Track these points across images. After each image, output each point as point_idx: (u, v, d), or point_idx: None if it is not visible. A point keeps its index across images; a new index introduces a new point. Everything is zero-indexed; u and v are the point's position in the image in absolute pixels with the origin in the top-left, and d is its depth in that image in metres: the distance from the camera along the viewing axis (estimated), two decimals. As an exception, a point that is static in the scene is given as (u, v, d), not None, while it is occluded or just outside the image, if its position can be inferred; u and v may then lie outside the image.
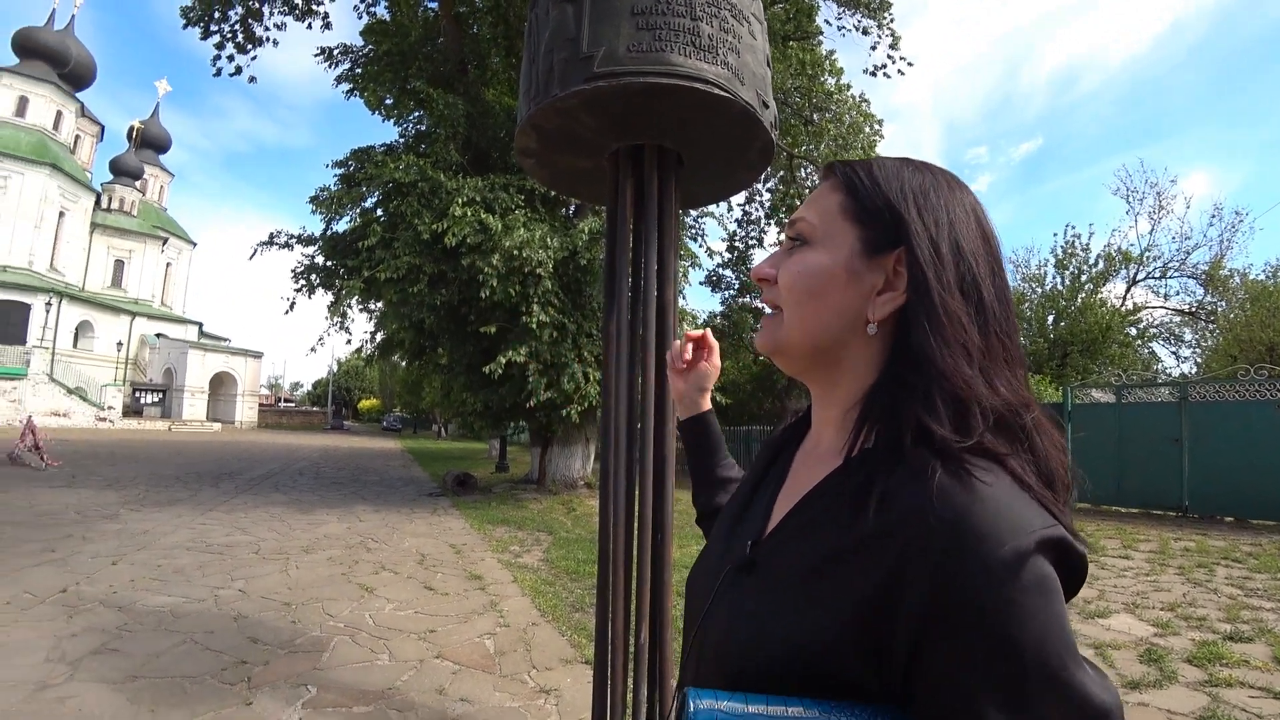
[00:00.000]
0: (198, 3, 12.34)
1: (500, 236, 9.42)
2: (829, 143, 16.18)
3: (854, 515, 0.57)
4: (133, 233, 49.15)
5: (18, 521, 8.06)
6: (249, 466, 17.19)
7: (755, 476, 0.81)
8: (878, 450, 0.60)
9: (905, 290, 0.63)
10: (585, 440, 12.59)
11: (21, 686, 3.52)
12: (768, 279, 0.71)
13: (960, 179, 0.69)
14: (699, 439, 1.17)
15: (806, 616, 0.56)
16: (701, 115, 2.45)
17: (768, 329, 0.71)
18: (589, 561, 6.86)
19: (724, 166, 2.83)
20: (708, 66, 2.30)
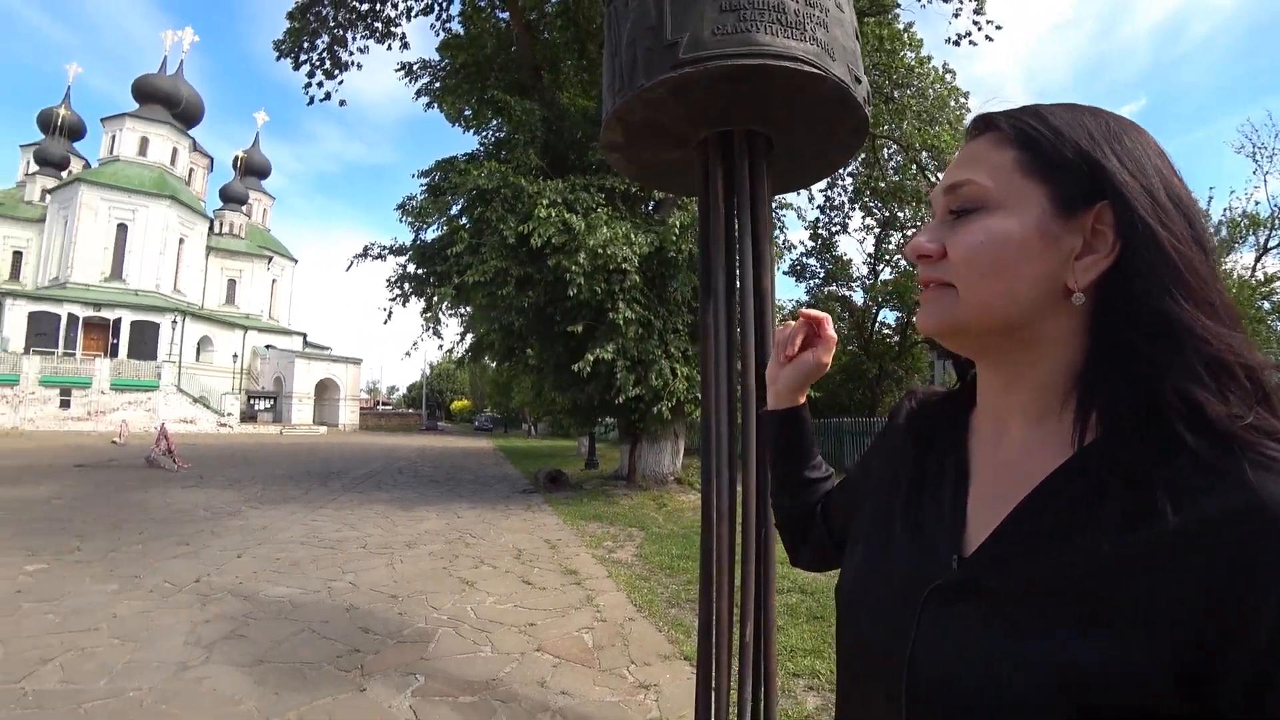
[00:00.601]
0: (288, 35, 13.11)
1: (584, 236, 9.51)
2: (911, 120, 15.40)
3: (1128, 518, 0.49)
4: (242, 253, 53.04)
5: (158, 519, 8.79)
6: (353, 466, 18.12)
7: (910, 472, 0.71)
8: (1122, 437, 0.52)
9: (1113, 248, 0.55)
10: (674, 436, 12.57)
11: (166, 667, 3.83)
12: (931, 254, 0.62)
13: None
14: (790, 436, 1.03)
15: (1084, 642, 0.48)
16: (792, 95, 2.36)
17: (935, 307, 0.62)
18: (683, 557, 6.85)
19: (816, 148, 2.72)
20: (796, 44, 2.21)
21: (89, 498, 10.47)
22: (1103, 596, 0.48)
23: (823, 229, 22.67)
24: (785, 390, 1.01)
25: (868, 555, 0.71)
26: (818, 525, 0.96)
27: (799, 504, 1.00)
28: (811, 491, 1.00)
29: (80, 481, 12.60)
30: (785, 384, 1.01)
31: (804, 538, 0.99)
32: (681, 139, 2.76)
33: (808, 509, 0.98)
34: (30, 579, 5.69)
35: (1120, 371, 0.53)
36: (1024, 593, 0.52)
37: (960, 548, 0.60)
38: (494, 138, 14.47)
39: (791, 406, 1.01)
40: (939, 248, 0.62)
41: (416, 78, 14.96)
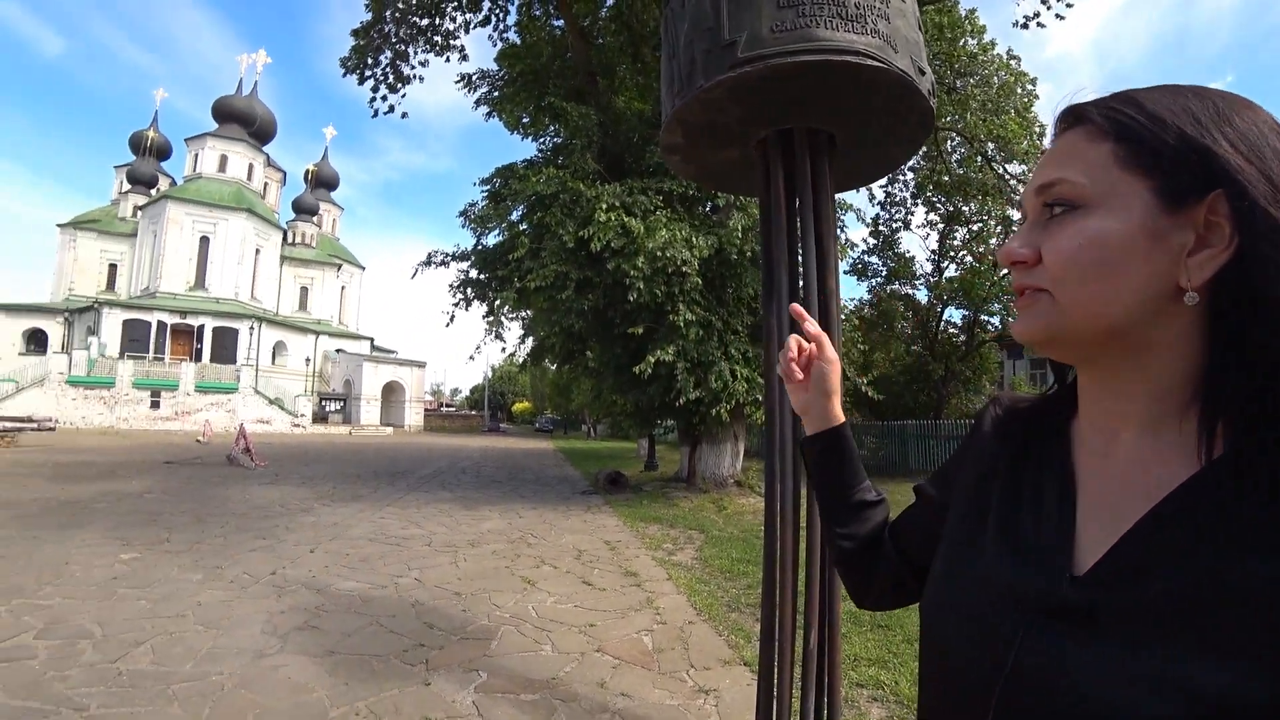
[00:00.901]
0: (353, 53, 13.66)
1: (643, 239, 9.53)
2: (975, 110, 14.84)
3: (1267, 540, 0.45)
4: (313, 262, 55.42)
5: (237, 513, 9.23)
6: (418, 466, 18.63)
7: (1003, 482, 0.67)
8: (1256, 449, 0.48)
9: (1230, 241, 0.51)
10: (734, 438, 12.47)
11: (245, 654, 4.03)
12: (1025, 260, 0.59)
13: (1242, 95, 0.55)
14: (835, 458, 0.94)
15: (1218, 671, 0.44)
16: (854, 90, 2.31)
17: (1033, 314, 0.59)
18: (743, 560, 6.79)
19: (879, 143, 2.66)
20: (857, 37, 2.16)
21: (177, 492, 11.09)
22: (1240, 623, 0.45)
23: (884, 226, 22.12)
24: (817, 410, 0.94)
25: (957, 568, 0.67)
26: (887, 555, 0.88)
27: (857, 536, 0.91)
28: (866, 519, 0.91)
29: (169, 477, 13.35)
30: (815, 403, 0.94)
31: (871, 573, 0.90)
32: (741, 139, 2.73)
33: (868, 540, 0.90)
34: (126, 566, 6.07)
35: (1247, 375, 0.50)
36: (1148, 615, 0.49)
37: (1071, 565, 0.56)
38: (551, 143, 14.68)
39: (831, 427, 0.94)
40: (1033, 253, 0.58)
41: (475, 88, 15.32)
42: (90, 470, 14.16)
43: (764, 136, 2.68)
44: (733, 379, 10.38)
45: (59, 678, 3.60)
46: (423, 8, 13.57)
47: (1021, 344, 0.64)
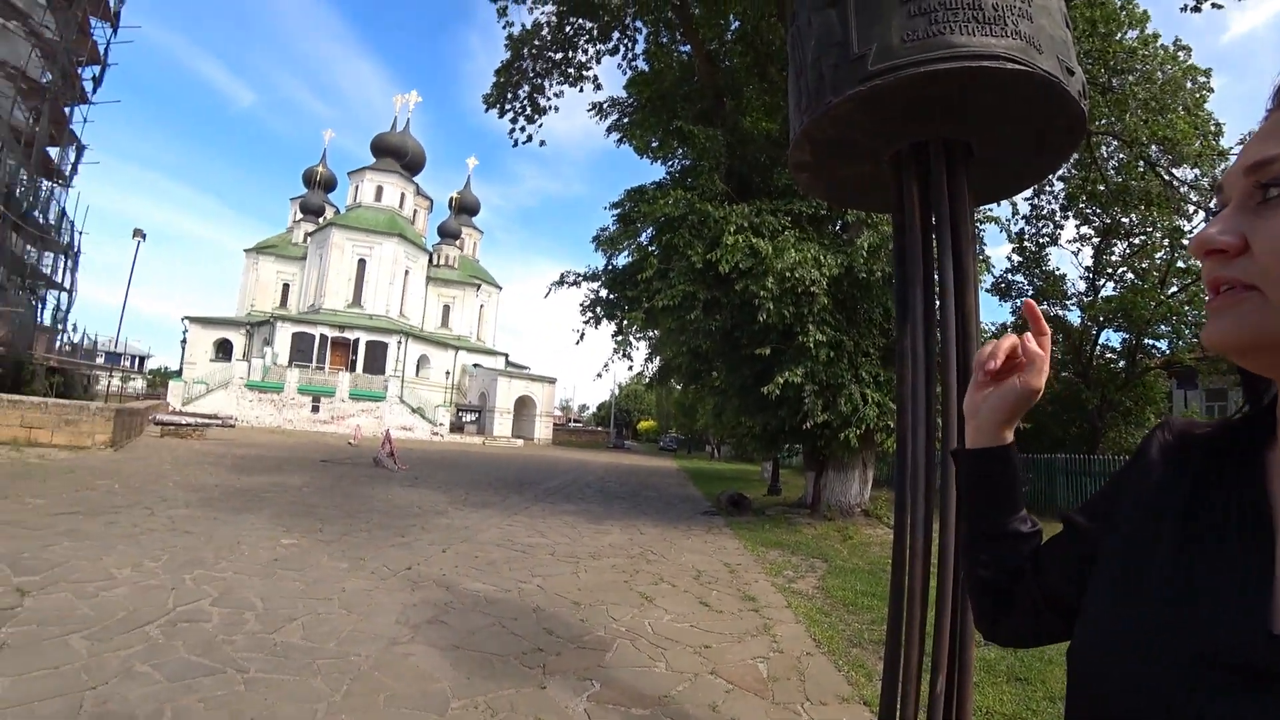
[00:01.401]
0: (494, 89, 14.59)
1: (771, 260, 9.43)
2: (1136, 110, 13.39)
3: None
4: (455, 282, 59.24)
5: (380, 511, 9.95)
6: (545, 478, 19.27)
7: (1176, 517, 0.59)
8: None
9: None
10: (862, 465, 11.97)
11: (380, 639, 4.34)
12: (1226, 249, 0.51)
13: None
14: (996, 481, 0.84)
15: None
16: (994, 96, 2.18)
17: (1235, 315, 0.51)
18: (868, 594, 6.48)
19: (1024, 151, 2.49)
20: (996, 40, 2.03)
21: (330, 489, 12.11)
22: None
23: (1029, 241, 20.50)
24: (989, 423, 0.84)
25: (1118, 611, 0.59)
26: (1029, 590, 0.80)
27: (1001, 565, 0.82)
28: (1016, 550, 0.82)
29: (324, 474, 14.62)
30: (989, 415, 0.83)
31: (1007, 606, 0.82)
32: (873, 153, 2.65)
33: (1012, 572, 0.82)
34: (285, 550, 6.71)
35: None
36: None
37: (1270, 620, 0.48)
38: (680, 166, 14.89)
39: (997, 445, 0.84)
40: (1238, 241, 0.50)
41: (606, 115, 15.86)
42: (260, 464, 15.79)
43: (897, 150, 2.58)
44: (863, 403, 9.99)
45: (227, 641, 4.05)
46: (556, 43, 14.31)
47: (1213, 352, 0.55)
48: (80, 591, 4.78)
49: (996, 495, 0.85)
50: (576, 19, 14.04)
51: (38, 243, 24.77)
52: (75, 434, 14.95)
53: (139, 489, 9.96)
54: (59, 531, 6.63)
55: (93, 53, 26.81)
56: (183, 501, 9.16)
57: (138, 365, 58.76)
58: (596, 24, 14.16)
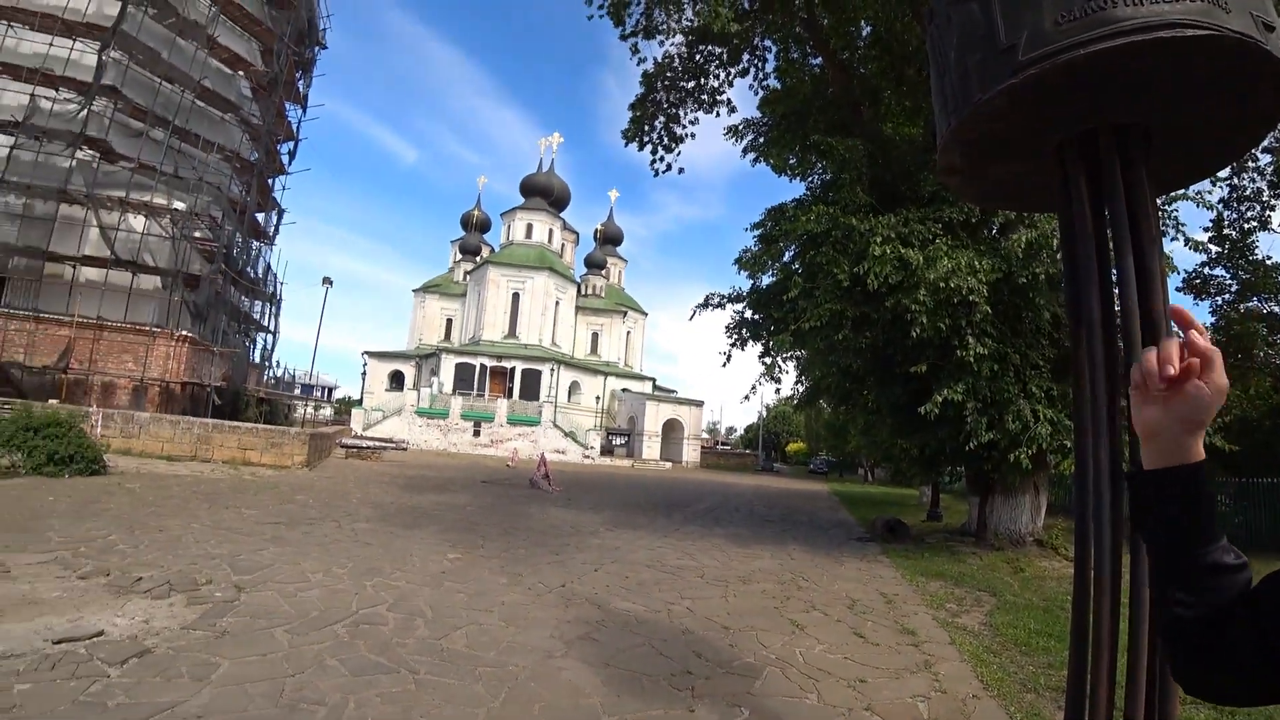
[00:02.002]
0: (631, 124, 15.03)
1: (923, 270, 8.90)
2: None
3: None
4: (602, 310, 61.53)
5: (536, 529, 10.42)
6: (694, 500, 19.28)
7: None
8: None
9: None
10: (1034, 489, 10.90)
11: (536, 652, 4.53)
12: None
13: None
14: (1186, 503, 0.74)
15: None
16: (1172, 70, 1.94)
17: None
18: (1043, 634, 5.86)
19: (1217, 126, 2.19)
20: (1170, 6, 1.77)
21: (490, 508, 12.85)
22: None
23: (1230, 228, 17.64)
24: (1175, 438, 0.74)
25: None
26: (1242, 636, 0.69)
27: (1203, 604, 0.72)
28: (1220, 586, 0.72)
29: (484, 494, 15.53)
30: (1175, 429, 0.74)
31: (1214, 655, 0.71)
32: (1030, 149, 2.46)
33: (1217, 612, 0.71)
34: (451, 564, 7.19)
35: None
36: None
37: None
38: (819, 180, 14.54)
39: (1186, 463, 0.74)
40: None
41: (742, 137, 15.82)
42: (428, 484, 17.07)
43: (1060, 143, 2.38)
44: (1034, 420, 9.13)
45: (401, 644, 4.41)
46: (688, 72, 14.55)
47: None
48: (283, 591, 5.40)
49: (1193, 521, 0.75)
50: (706, 46, 14.23)
51: (249, 293, 28.89)
52: (279, 455, 16.98)
53: (328, 504, 11.11)
54: (266, 538, 7.55)
55: (288, 131, 31.51)
56: (364, 516, 10.10)
57: (327, 395, 65.85)
58: (726, 48, 14.26)
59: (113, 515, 8.13)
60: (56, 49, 22.34)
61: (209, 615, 4.61)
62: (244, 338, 29.93)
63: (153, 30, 23.64)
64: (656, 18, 13.45)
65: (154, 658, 3.78)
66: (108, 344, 21.91)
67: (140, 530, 7.35)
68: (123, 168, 22.59)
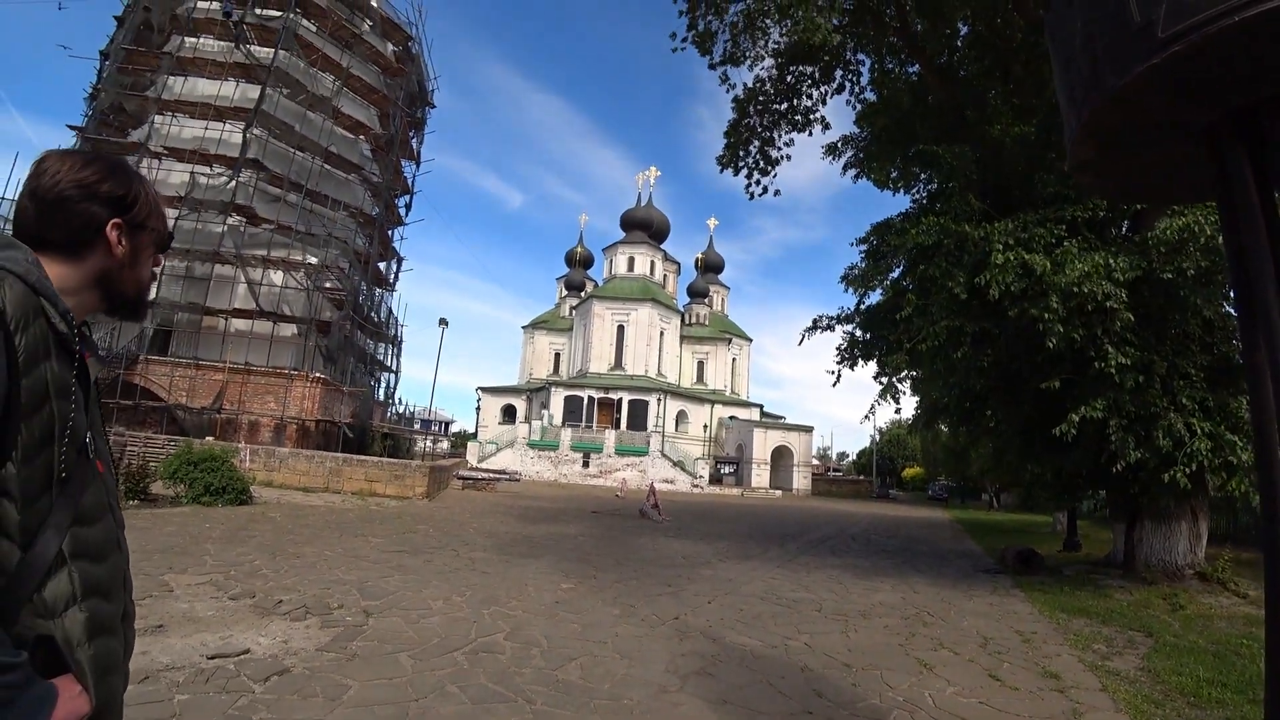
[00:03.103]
0: (726, 150, 15.02)
1: (1050, 276, 8.27)
2: None
3: None
4: (706, 339, 61.49)
5: (648, 560, 10.36)
6: (807, 530, 18.65)
7: None
8: None
9: None
10: (1192, 514, 9.73)
11: (650, 686, 4.45)
12: None
13: None
14: None
15: None
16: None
17: None
18: (1216, 683, 5.16)
19: None
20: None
21: (601, 538, 12.93)
22: None
23: None
24: None
25: None
26: None
27: None
28: None
29: (595, 524, 15.68)
30: None
31: None
32: (1176, 135, 2.22)
33: None
34: (565, 594, 7.25)
35: None
36: None
37: None
38: (925, 191, 13.97)
39: None
40: None
41: (841, 154, 15.45)
42: (541, 514, 17.43)
43: (1211, 124, 2.14)
44: (1189, 435, 8.21)
45: (517, 673, 4.46)
46: (779, 94, 14.40)
47: None
48: (407, 617, 5.62)
49: None
50: (796, 67, 14.07)
51: (374, 336, 31.13)
52: (401, 487, 17.89)
53: (447, 533, 11.55)
54: (391, 566, 7.91)
55: (404, 185, 34.23)
56: (480, 545, 10.41)
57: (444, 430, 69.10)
58: (817, 66, 14.05)
59: (258, 542, 8.81)
60: (210, 132, 25.29)
61: (340, 638, 4.85)
62: (369, 377, 32.12)
63: (287, 107, 26.35)
64: (743, 44, 13.46)
65: (292, 676, 4.01)
66: (253, 386, 24.07)
67: (281, 556, 7.90)
68: (264, 229, 25.15)
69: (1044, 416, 9.53)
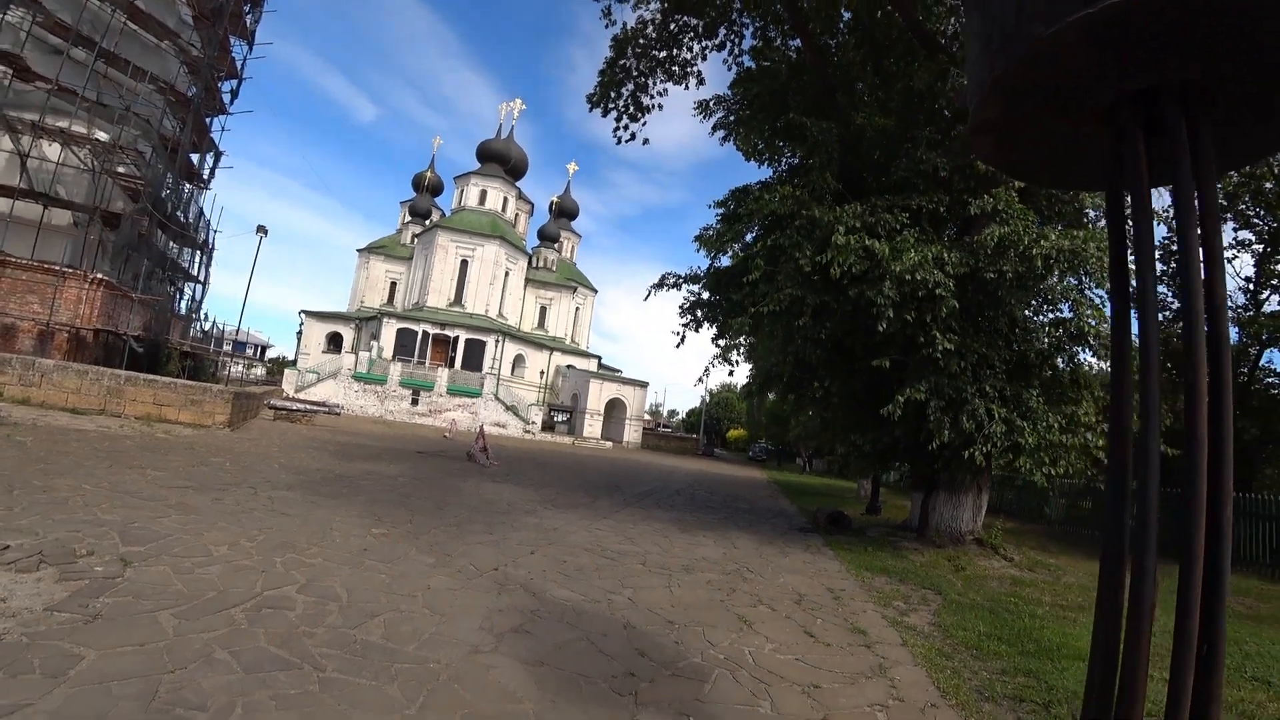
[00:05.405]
0: (599, 89, 14.47)
1: (889, 261, 8.68)
2: None
3: None
4: (552, 284, 60.44)
5: (470, 505, 9.89)
6: (634, 483, 18.99)
7: None
8: None
9: None
10: (977, 489, 10.92)
11: (461, 646, 4.07)
12: None
13: None
14: None
15: None
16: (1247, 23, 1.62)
17: None
18: (993, 637, 5.73)
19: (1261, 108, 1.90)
20: None
21: (423, 480, 12.23)
22: None
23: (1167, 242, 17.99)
24: None
25: None
26: None
27: None
28: None
29: (418, 465, 14.87)
30: None
31: None
32: (1081, 105, 2.11)
33: None
34: (374, 540, 6.64)
35: None
36: None
37: None
38: (787, 165, 14.27)
39: None
40: None
41: (712, 113, 15.38)
42: (361, 452, 16.27)
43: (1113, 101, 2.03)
44: (989, 419, 9.08)
45: (308, 634, 3.88)
46: (661, 41, 14.03)
47: None
48: (178, 566, 4.79)
49: None
50: (681, 16, 13.72)
51: (179, 239, 27.00)
52: (198, 413, 15.87)
53: (247, 468, 10.32)
54: (170, 504, 6.83)
55: (231, 68, 29.27)
56: (284, 483, 9.39)
57: (260, 354, 63.01)
58: (702, 20, 13.78)
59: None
60: (-35, -50, 20.20)
61: (82, 594, 3.98)
62: (170, 286, 28.05)
63: (81, -61, 21.60)
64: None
65: (1, 647, 3.17)
66: (10, 282, 20.12)
67: (21, 490, 6.53)
68: (39, 88, 20.58)
69: (870, 392, 10.11)
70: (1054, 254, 8.76)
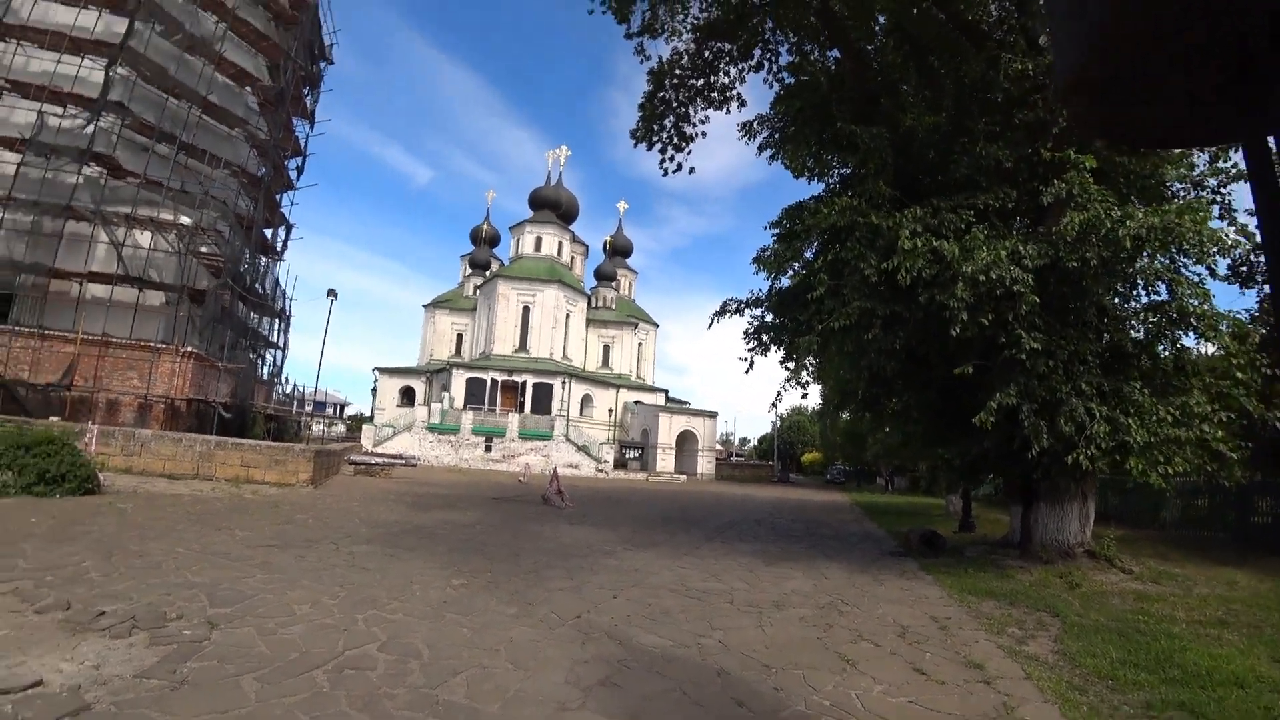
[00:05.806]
0: (640, 123, 14.51)
1: (958, 262, 8.22)
2: None
3: None
4: (612, 323, 61.06)
5: (547, 550, 9.73)
6: (712, 515, 18.51)
7: None
8: None
9: None
10: (1082, 496, 10.06)
11: (547, 703, 3.84)
12: None
13: None
14: None
15: None
16: None
17: None
18: (1130, 665, 5.12)
19: None
20: None
21: (499, 526, 12.18)
22: None
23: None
24: None
25: None
26: None
27: None
28: None
29: (494, 511, 14.87)
30: None
31: None
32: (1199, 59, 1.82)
33: None
34: (454, 592, 6.53)
35: None
36: None
37: None
38: (839, 177, 13.92)
39: None
40: None
41: (756, 134, 15.17)
42: (437, 501, 16.43)
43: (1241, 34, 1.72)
44: (1090, 420, 8.38)
45: (389, 695, 3.74)
46: (696, 69, 14.01)
47: None
48: (262, 627, 4.77)
49: None
50: (714, 43, 13.70)
51: (258, 309, 28.53)
52: (283, 473, 16.40)
53: (328, 524, 10.49)
54: (255, 564, 6.92)
55: (295, 146, 31.31)
56: (364, 537, 9.46)
57: (339, 412, 65.53)
58: (735, 44, 13.72)
59: (93, 539, 7.55)
60: (64, 66, 22.21)
61: (170, 659, 3.97)
62: (252, 354, 29.55)
63: (160, 47, 23.49)
64: (662, 16, 12.92)
65: (90, 717, 3.14)
66: (113, 361, 21.54)
67: (118, 555, 6.75)
68: (129, 183, 22.35)
69: (951, 401, 9.54)
70: (1143, 233, 8.11)
